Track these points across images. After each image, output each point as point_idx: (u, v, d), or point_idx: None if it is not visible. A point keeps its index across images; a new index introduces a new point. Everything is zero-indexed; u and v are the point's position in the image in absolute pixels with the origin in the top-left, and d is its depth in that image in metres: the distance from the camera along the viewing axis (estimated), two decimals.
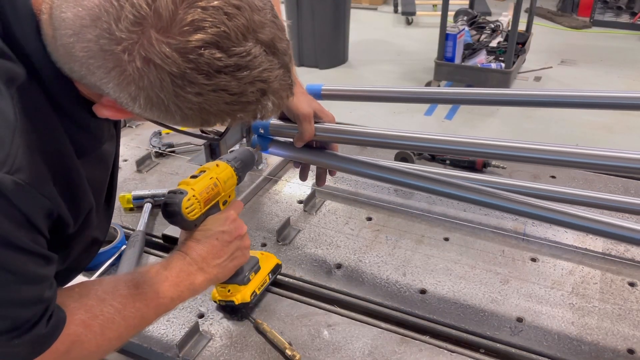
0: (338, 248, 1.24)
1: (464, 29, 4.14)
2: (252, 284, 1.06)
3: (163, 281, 0.83)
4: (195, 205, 0.92)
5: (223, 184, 0.99)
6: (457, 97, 1.43)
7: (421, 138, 1.05)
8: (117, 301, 0.76)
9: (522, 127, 3.71)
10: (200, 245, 0.91)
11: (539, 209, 1.02)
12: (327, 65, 4.81)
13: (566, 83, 4.42)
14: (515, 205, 1.04)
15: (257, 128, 1.19)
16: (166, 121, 0.63)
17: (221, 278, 0.95)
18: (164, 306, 0.83)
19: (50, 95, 0.64)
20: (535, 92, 1.20)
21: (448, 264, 1.18)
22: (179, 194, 0.91)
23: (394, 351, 0.98)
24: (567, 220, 1.01)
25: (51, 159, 0.64)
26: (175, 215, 0.90)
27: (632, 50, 5.11)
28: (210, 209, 0.96)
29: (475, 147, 1.00)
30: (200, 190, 0.93)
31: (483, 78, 4.05)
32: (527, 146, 0.95)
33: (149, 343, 1.01)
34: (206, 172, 0.98)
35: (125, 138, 1.74)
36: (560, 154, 0.93)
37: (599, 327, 1.02)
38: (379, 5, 6.76)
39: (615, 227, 0.98)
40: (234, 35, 0.56)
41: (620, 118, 3.72)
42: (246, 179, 1.48)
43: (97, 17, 0.55)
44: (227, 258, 0.94)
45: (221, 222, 0.94)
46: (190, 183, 0.94)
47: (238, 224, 0.96)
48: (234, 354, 0.98)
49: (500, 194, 1.05)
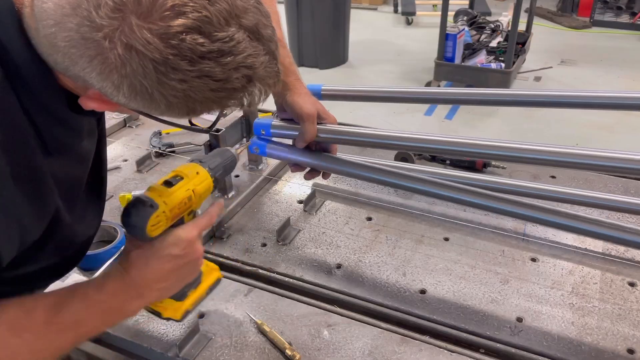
0: (338, 248, 1.24)
1: (464, 29, 4.14)
2: (187, 300, 0.93)
3: (90, 307, 0.73)
4: (162, 223, 0.78)
5: (198, 198, 0.85)
6: (457, 97, 1.43)
7: (422, 139, 1.05)
8: (30, 331, 0.68)
9: (522, 127, 3.71)
10: (147, 266, 0.78)
11: (540, 212, 1.01)
12: (327, 65, 4.81)
13: (566, 83, 4.42)
14: (516, 207, 1.03)
15: (259, 129, 1.19)
16: (152, 110, 0.62)
17: (162, 299, 0.86)
18: (85, 336, 0.75)
19: (28, 90, 0.62)
20: (535, 92, 1.20)
21: (448, 264, 1.18)
22: (148, 206, 0.77)
23: (394, 351, 0.98)
24: (569, 224, 1.00)
25: (11, 154, 0.62)
26: (137, 230, 0.77)
27: (632, 50, 5.11)
28: (175, 224, 0.83)
29: (475, 147, 1.00)
30: (173, 205, 0.80)
31: (483, 78, 4.05)
32: (527, 147, 0.94)
33: (149, 343, 1.01)
34: (183, 181, 0.84)
35: (125, 138, 1.75)
36: (559, 155, 0.93)
37: (599, 327, 1.02)
38: (379, 5, 6.76)
39: (617, 231, 0.97)
40: (216, 20, 0.55)
41: (620, 118, 3.72)
42: (246, 178, 1.48)
43: (77, 5, 0.54)
44: (174, 282, 0.83)
45: (179, 243, 0.81)
46: (164, 194, 0.79)
47: (196, 247, 0.84)
48: (234, 354, 0.98)
49: (501, 196, 1.04)
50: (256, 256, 1.23)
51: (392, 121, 3.79)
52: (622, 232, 0.96)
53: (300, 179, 1.51)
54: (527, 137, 3.57)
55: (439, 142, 1.03)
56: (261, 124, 1.17)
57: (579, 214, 1.00)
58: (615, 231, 0.97)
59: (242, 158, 1.56)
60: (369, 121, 3.73)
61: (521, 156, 0.96)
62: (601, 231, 0.98)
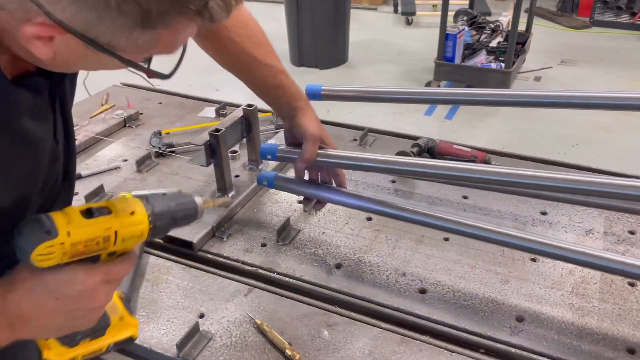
0: (338, 248, 1.25)
1: (464, 29, 4.14)
2: (78, 349, 0.77)
3: None
4: (54, 256, 0.63)
5: (120, 242, 0.69)
6: (457, 97, 1.43)
7: (419, 164, 1.10)
8: None
9: (522, 127, 3.71)
10: (29, 296, 0.65)
11: (527, 242, 1.01)
12: (327, 65, 4.81)
13: (566, 83, 4.42)
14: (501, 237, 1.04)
15: (265, 154, 1.23)
16: (101, 20, 0.54)
17: (39, 338, 0.73)
18: None
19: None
20: (535, 92, 1.20)
21: (448, 264, 1.18)
22: (43, 231, 0.62)
23: (394, 351, 0.98)
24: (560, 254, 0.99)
25: None
26: (21, 252, 0.63)
27: (632, 50, 5.11)
28: (79, 260, 0.67)
29: (478, 174, 1.03)
30: (77, 240, 0.64)
31: (483, 78, 4.06)
32: (530, 174, 0.98)
33: (149, 343, 1.01)
34: (108, 217, 0.67)
35: (125, 138, 1.75)
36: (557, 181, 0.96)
37: (599, 327, 1.02)
38: (379, 5, 6.76)
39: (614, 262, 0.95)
40: None
41: (620, 118, 3.72)
42: (246, 178, 1.48)
43: None
44: (57, 324, 0.69)
45: (75, 284, 0.66)
46: (74, 223, 0.64)
47: (97, 294, 0.68)
48: (234, 354, 0.99)
49: (501, 230, 1.05)
50: (256, 256, 1.23)
51: (392, 121, 3.79)
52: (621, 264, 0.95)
53: None
54: (526, 137, 3.57)
55: (434, 167, 1.07)
56: (267, 149, 1.20)
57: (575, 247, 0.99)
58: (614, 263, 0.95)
59: (242, 158, 1.57)
60: (369, 121, 3.73)
61: (523, 182, 1.00)
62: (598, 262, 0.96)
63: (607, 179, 0.94)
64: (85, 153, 1.68)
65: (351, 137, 1.69)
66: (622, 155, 3.26)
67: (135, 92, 2.10)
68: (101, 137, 1.74)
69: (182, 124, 1.83)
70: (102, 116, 1.85)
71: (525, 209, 1.35)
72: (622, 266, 0.92)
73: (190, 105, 1.98)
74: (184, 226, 0.80)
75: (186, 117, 1.89)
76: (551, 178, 0.97)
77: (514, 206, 1.36)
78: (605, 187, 0.92)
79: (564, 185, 0.96)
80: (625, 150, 3.33)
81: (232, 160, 1.54)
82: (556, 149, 3.37)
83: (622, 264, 0.92)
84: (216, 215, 1.31)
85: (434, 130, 3.71)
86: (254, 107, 1.43)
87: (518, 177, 1.00)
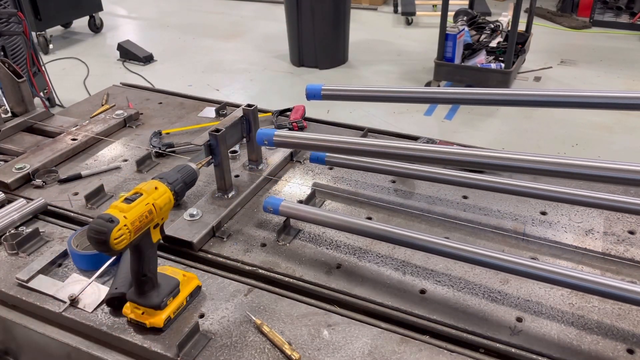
0: (338, 248, 1.25)
1: (463, 29, 4.14)
2: (168, 308, 1.03)
3: None
4: (125, 236, 0.86)
5: (159, 210, 0.93)
6: (457, 97, 1.43)
7: (415, 149, 1.12)
8: None
9: (522, 127, 3.71)
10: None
11: (523, 266, 1.02)
12: (327, 65, 4.81)
13: (566, 83, 4.42)
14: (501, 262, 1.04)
15: (262, 139, 1.23)
16: None
17: None
18: None
19: None
20: (535, 92, 1.20)
21: (448, 264, 1.18)
22: (108, 221, 0.84)
23: (394, 351, 0.98)
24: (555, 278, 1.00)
25: None
26: (103, 245, 0.85)
27: (632, 50, 5.11)
28: (141, 236, 0.91)
29: (472, 157, 1.04)
30: (133, 218, 0.87)
31: (483, 78, 4.06)
32: (524, 157, 0.97)
33: (149, 343, 1.01)
34: (142, 197, 0.91)
35: (125, 138, 1.75)
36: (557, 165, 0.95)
37: (598, 327, 1.02)
38: (379, 5, 6.76)
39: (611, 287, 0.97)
40: None
41: (620, 118, 3.72)
42: (246, 178, 1.48)
43: None
44: None
45: None
46: (124, 209, 0.87)
47: None
48: (234, 354, 0.99)
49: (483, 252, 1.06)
50: (256, 256, 1.23)
51: (392, 121, 3.79)
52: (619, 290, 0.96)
53: (300, 179, 1.51)
54: (526, 137, 3.57)
55: (435, 151, 1.05)
56: (264, 133, 1.19)
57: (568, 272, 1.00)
58: None
59: (242, 158, 1.57)
60: (369, 121, 3.74)
61: (518, 166, 1.00)
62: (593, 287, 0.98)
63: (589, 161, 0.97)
64: (85, 153, 1.68)
65: None
66: (622, 155, 3.26)
67: (135, 92, 2.10)
68: (101, 137, 1.74)
69: (182, 124, 1.83)
70: (102, 116, 1.85)
71: (525, 209, 1.35)
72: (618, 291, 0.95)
73: (190, 105, 1.98)
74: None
75: (186, 117, 1.89)
76: (549, 162, 0.99)
77: (513, 206, 1.36)
78: None
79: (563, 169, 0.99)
80: (624, 150, 3.33)
81: (232, 160, 1.54)
82: (556, 149, 3.38)
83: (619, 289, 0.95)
84: (216, 215, 1.32)
85: (434, 130, 3.71)
86: (254, 107, 1.43)
87: (513, 161, 1.02)
